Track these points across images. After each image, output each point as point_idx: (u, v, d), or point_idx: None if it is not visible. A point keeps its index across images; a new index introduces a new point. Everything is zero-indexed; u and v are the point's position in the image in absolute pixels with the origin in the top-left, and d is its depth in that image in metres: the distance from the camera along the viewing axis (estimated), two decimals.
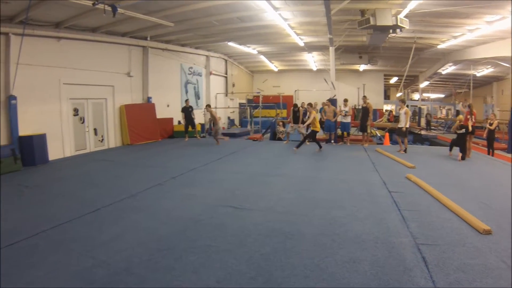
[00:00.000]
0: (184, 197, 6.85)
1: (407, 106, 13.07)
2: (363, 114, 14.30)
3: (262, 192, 7.19)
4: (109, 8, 9.82)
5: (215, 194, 7.02)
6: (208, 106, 15.93)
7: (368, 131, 14.95)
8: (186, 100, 17.20)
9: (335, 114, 14.35)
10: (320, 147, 12.59)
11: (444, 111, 39.35)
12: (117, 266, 3.98)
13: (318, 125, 12.66)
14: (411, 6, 11.70)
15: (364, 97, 14.77)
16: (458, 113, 28.48)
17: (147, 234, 4.97)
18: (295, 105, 15.46)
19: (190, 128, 16.18)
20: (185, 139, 16.18)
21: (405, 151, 12.35)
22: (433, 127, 28.92)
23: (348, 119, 14.54)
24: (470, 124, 11.03)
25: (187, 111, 16.13)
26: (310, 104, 13.17)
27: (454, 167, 9.80)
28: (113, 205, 6.42)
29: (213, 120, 15.17)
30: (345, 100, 14.49)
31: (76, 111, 13.10)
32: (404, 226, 5.07)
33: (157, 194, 7.19)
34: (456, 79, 29.62)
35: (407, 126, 12.48)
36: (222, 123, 23.40)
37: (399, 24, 12.17)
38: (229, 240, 4.65)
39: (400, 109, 13.19)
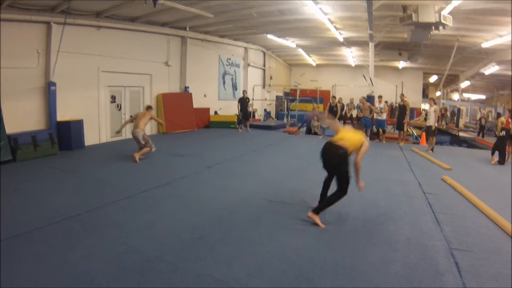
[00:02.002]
0: (219, 188, 6.97)
1: (435, 103, 12.73)
2: (400, 112, 14.06)
3: (298, 186, 7.23)
4: None
5: (251, 186, 7.12)
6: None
7: (405, 129, 14.73)
8: (244, 91, 17.45)
9: (371, 111, 14.21)
10: None
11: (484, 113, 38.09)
12: (149, 254, 4.09)
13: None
14: (455, 2, 11.34)
15: (402, 95, 14.54)
16: (499, 115, 27.55)
17: (180, 223, 5.08)
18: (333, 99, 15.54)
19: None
20: (239, 129, 16.66)
21: (432, 150, 12.25)
22: (472, 129, 28.03)
23: (384, 116, 14.48)
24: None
25: (244, 102, 16.44)
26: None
27: (493, 172, 9.53)
28: (147, 192, 6.60)
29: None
30: (380, 97, 14.43)
31: (113, 98, 13.47)
32: (438, 229, 5.01)
33: (192, 183, 7.34)
34: (499, 80, 28.57)
35: (436, 124, 12.37)
36: (259, 115, 23.50)
37: (442, 21, 11.80)
38: (262, 233, 4.72)
39: (429, 107, 12.93)
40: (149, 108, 10.11)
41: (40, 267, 3.73)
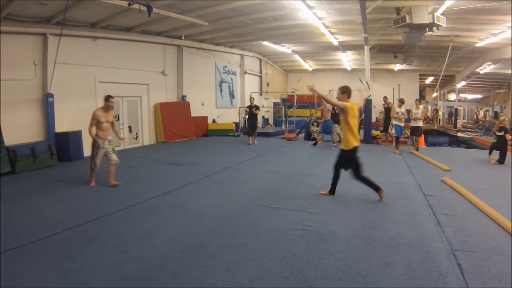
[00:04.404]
0: (218, 195, 6.95)
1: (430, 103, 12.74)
2: (386, 115, 14.10)
3: (297, 192, 7.21)
4: (144, 8, 10.02)
5: (250, 193, 7.10)
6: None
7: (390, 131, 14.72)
8: (251, 98, 15.96)
9: (334, 113, 14.09)
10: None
11: (481, 113, 38.15)
12: (149, 262, 4.07)
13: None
14: (448, 3, 11.41)
15: (385, 97, 14.51)
16: (496, 114, 27.61)
17: (180, 231, 5.06)
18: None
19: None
20: (248, 142, 14.78)
21: (417, 149, 12.46)
22: (470, 129, 28.11)
23: (403, 123, 12.99)
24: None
25: (251, 110, 14.80)
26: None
27: (493, 171, 9.52)
28: (147, 202, 6.59)
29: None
30: (400, 101, 13.06)
31: None
32: (439, 231, 4.99)
33: (192, 191, 7.32)
34: (495, 79, 28.69)
35: (421, 124, 12.55)
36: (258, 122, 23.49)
37: (435, 22, 11.86)
38: (263, 239, 4.70)
39: (416, 108, 12.97)
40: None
41: (40, 278, 3.71)
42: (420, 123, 12.46)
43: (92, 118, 7.66)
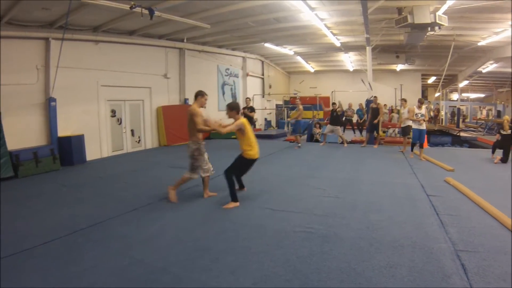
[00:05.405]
0: (221, 198, 6.93)
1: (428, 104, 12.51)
2: (372, 115, 13.94)
3: (301, 194, 7.21)
4: (146, 12, 10.04)
5: (253, 196, 7.11)
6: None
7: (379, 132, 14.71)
8: (247, 99, 15.82)
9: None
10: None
11: (484, 112, 38.02)
12: (153, 265, 4.09)
13: None
14: (450, 2, 11.41)
15: (375, 97, 14.45)
16: (499, 113, 27.50)
17: (184, 234, 5.07)
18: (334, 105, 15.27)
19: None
20: None
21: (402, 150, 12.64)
22: (472, 129, 28.00)
23: (424, 126, 11.40)
24: None
25: (244, 111, 13.17)
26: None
27: (496, 170, 9.48)
28: (150, 205, 6.60)
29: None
30: (420, 101, 11.52)
31: (113, 113, 13.53)
32: (443, 232, 4.97)
33: (194, 194, 7.34)
34: (497, 78, 28.61)
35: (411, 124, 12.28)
36: (259, 124, 23.48)
37: (437, 21, 11.85)
38: (267, 242, 4.70)
39: (403, 108, 12.91)
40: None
41: (44, 282, 3.73)
42: (410, 123, 12.07)
43: (199, 115, 6.80)
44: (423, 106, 11.33)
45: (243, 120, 6.56)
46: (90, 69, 12.33)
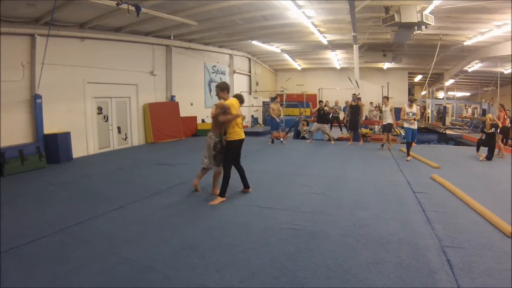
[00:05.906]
0: (208, 196, 6.89)
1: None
2: (353, 113, 14.16)
3: (288, 191, 7.21)
4: (133, 8, 9.96)
5: (241, 193, 7.06)
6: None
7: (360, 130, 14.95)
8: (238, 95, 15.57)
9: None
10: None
11: (470, 110, 38.46)
12: (140, 264, 4.05)
13: None
14: (436, 2, 11.52)
15: (354, 94, 14.62)
16: (484, 112, 27.84)
17: (171, 232, 5.03)
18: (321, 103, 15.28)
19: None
20: None
21: (382, 146, 13.12)
22: (458, 127, 28.31)
23: (416, 125, 10.93)
24: (499, 123, 10.84)
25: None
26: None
27: (482, 168, 9.62)
28: (137, 203, 6.54)
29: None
30: (411, 99, 11.10)
31: (100, 110, 13.38)
32: (429, 228, 5.02)
33: (181, 192, 7.26)
34: (483, 77, 28.95)
35: (392, 122, 12.72)
36: (246, 121, 23.44)
37: (424, 20, 11.96)
38: (253, 239, 4.69)
39: (385, 106, 13.04)
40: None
41: (30, 281, 3.67)
42: (390, 121, 12.67)
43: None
44: (414, 105, 10.89)
45: (229, 102, 6.61)
46: (76, 66, 12.17)
